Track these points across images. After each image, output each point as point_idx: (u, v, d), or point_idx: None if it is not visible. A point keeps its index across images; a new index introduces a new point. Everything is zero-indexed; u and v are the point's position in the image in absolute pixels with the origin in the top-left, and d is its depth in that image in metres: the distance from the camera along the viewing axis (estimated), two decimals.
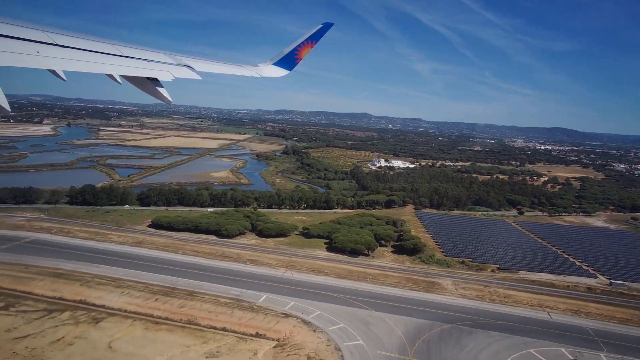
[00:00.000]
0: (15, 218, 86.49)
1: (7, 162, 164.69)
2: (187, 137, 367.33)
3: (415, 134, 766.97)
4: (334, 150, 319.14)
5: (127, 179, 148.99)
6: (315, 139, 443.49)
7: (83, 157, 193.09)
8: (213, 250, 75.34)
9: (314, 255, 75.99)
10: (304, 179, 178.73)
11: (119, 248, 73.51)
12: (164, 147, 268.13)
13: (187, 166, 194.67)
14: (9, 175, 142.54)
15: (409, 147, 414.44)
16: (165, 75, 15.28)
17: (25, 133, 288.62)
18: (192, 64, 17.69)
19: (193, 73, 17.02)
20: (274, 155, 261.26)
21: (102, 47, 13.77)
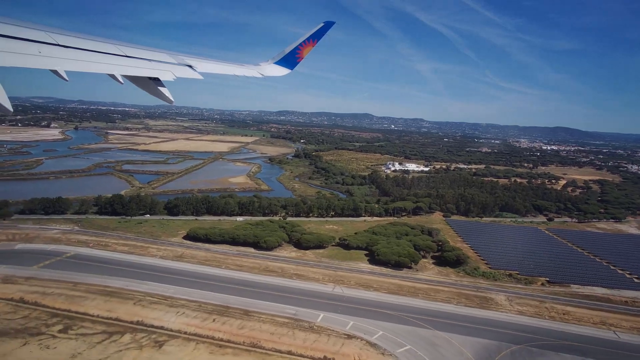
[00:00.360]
0: (50, 230, 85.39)
1: (25, 169, 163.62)
2: (196, 140, 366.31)
3: (419, 134, 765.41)
4: (344, 153, 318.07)
5: (147, 185, 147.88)
6: (322, 141, 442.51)
7: (98, 162, 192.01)
8: (256, 264, 74.22)
9: (358, 269, 74.89)
10: (322, 184, 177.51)
11: (161, 263, 72.43)
12: (175, 151, 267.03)
13: (203, 171, 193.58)
14: (30, 183, 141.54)
15: (417, 148, 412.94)
16: (167, 74, 15.25)
17: (35, 137, 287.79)
18: (194, 63, 17.61)
19: (194, 73, 16.94)
20: (286, 159, 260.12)
21: (104, 47, 13.73)
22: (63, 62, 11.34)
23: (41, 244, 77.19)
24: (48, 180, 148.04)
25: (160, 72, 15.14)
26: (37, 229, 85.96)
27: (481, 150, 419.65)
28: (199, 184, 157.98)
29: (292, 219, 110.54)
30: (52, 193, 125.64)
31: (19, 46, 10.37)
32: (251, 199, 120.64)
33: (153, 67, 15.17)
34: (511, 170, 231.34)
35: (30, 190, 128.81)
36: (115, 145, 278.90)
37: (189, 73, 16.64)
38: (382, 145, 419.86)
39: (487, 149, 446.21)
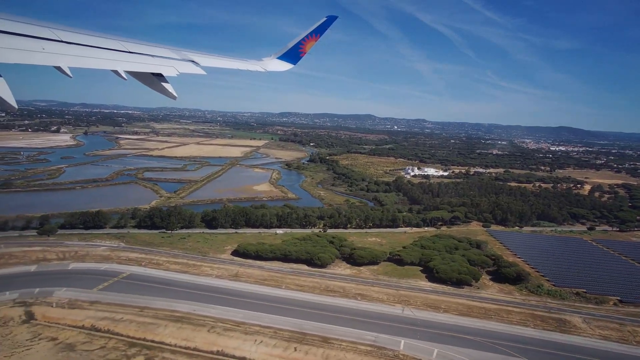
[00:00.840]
0: (97, 247, 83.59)
1: (49, 178, 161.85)
2: (207, 145, 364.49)
3: (424, 135, 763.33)
4: (357, 157, 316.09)
5: (174, 195, 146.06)
6: (331, 144, 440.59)
7: (119, 170, 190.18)
8: (315, 283, 72.44)
9: (419, 287, 73.09)
10: (346, 191, 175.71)
11: (219, 283, 70.64)
12: (189, 156, 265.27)
13: (224, 178, 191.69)
14: (59, 194, 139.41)
15: (428, 151, 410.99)
16: (170, 70, 15.10)
17: (48, 143, 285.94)
18: (197, 58, 17.43)
19: (198, 68, 16.74)
20: (302, 164, 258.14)
21: (107, 43, 13.65)
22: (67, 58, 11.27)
23: (93, 262, 75.42)
24: (75, 191, 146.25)
25: (164, 68, 15.03)
26: (84, 245, 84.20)
27: (492, 153, 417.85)
28: (225, 193, 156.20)
29: (331, 230, 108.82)
30: (83, 204, 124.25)
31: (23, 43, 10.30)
32: (284, 209, 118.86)
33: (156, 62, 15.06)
34: (531, 175, 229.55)
35: (60, 202, 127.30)
36: (129, 151, 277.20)
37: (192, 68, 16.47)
38: (392, 148, 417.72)
39: (498, 151, 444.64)
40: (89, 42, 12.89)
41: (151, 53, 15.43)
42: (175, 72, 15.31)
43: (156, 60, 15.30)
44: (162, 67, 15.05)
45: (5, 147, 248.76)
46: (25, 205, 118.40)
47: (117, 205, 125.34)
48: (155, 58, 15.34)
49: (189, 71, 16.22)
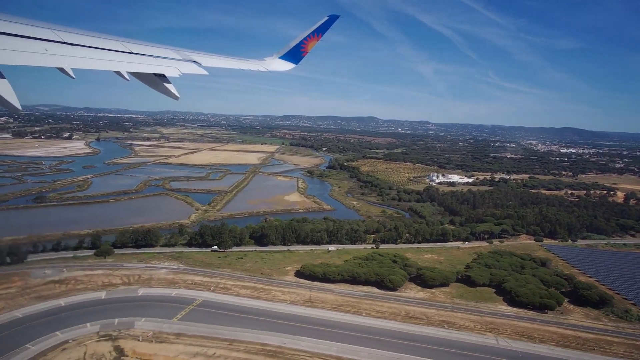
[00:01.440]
0: (158, 270, 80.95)
1: (79, 190, 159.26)
2: (220, 151, 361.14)
3: (432, 138, 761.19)
4: (376, 163, 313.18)
5: (209, 208, 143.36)
6: (343, 149, 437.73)
7: (145, 180, 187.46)
8: (394, 309, 69.79)
9: (502, 312, 70.40)
10: (378, 201, 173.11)
11: (295, 310, 67.96)
12: (208, 164, 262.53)
13: (252, 188, 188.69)
14: (94, 208, 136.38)
15: (442, 155, 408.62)
16: (172, 71, 15.16)
17: (65, 151, 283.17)
18: (199, 59, 17.51)
19: (199, 68, 16.79)
20: (323, 171, 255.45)
21: (110, 44, 13.71)
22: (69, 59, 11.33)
23: (161, 287, 72.79)
24: (108, 204, 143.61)
25: (166, 69, 15.05)
26: (145, 268, 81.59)
27: (506, 157, 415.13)
28: (259, 205, 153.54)
29: (383, 246, 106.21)
30: (122, 219, 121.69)
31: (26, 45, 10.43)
32: (328, 223, 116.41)
33: (158, 63, 15.10)
34: (557, 181, 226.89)
35: (99, 216, 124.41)
36: (146, 158, 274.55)
37: (194, 69, 16.49)
38: (405, 152, 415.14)
39: (511, 155, 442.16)
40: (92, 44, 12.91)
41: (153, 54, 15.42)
42: (178, 72, 15.32)
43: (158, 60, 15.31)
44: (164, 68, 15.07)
45: (25, 156, 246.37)
46: (66, 221, 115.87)
47: (157, 219, 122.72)
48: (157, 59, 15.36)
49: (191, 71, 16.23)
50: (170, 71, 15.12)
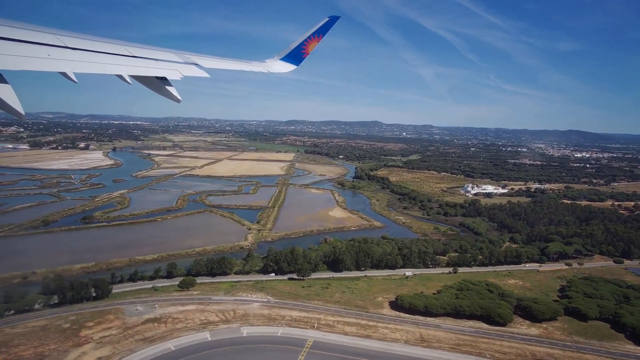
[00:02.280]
0: (250, 304, 76.72)
1: (121, 208, 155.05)
2: (239, 160, 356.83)
3: (440, 143, 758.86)
4: (401, 172, 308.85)
5: (261, 227, 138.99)
6: (360, 156, 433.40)
7: (181, 195, 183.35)
8: (516, 349, 65.63)
9: (633, 354, 66.09)
10: (423, 215, 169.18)
11: (414, 351, 63.79)
12: (234, 175, 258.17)
13: (292, 203, 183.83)
14: (144, 228, 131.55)
15: (460, 162, 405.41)
16: (174, 74, 15.38)
17: (88, 163, 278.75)
18: (200, 61, 17.75)
19: (201, 71, 17.03)
20: (353, 181, 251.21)
21: (111, 48, 13.93)
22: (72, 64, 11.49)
23: (262, 325, 68.65)
24: (156, 223, 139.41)
25: (168, 72, 15.23)
26: (234, 301, 77.48)
27: (525, 163, 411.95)
28: (308, 222, 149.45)
29: (460, 270, 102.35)
30: (178, 241, 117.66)
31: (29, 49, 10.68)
32: (393, 244, 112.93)
33: (160, 66, 15.29)
34: (596, 191, 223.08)
35: (154, 239, 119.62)
36: (170, 170, 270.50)
37: (195, 71, 16.69)
38: (424, 159, 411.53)
39: (528, 161, 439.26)
40: (94, 48, 13.03)
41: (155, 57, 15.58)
42: (179, 75, 15.49)
43: (160, 64, 15.47)
44: (166, 71, 15.22)
45: (50, 169, 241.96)
46: (124, 244, 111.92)
47: (215, 241, 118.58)
48: (159, 62, 15.53)
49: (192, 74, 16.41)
50: (171, 74, 15.25)
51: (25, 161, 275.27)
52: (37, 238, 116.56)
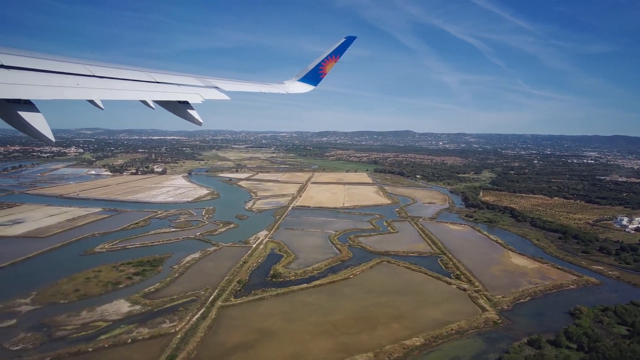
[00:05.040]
0: None
1: (292, 260, 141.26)
2: (323, 184, 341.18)
3: (490, 153, 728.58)
4: (510, 197, 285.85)
5: (480, 288, 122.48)
6: (438, 176, 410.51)
7: (329, 237, 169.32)
8: None
9: None
10: (621, 264, 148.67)
11: None
12: (343, 207, 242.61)
13: (457, 249, 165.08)
14: (349, 289, 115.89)
15: (547, 179, 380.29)
16: (195, 97, 16.33)
17: (186, 193, 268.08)
18: (220, 84, 18.82)
19: (221, 94, 18.07)
20: (474, 211, 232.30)
21: (136, 75, 14.97)
22: (99, 92, 12.21)
23: None
24: (349, 283, 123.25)
25: (189, 96, 16.13)
26: None
27: (615, 179, 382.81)
28: (512, 278, 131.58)
29: None
30: (414, 314, 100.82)
31: (59, 80, 11.53)
32: None
33: (182, 91, 16.18)
34: None
35: (375, 308, 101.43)
36: (276, 201, 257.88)
37: (216, 94, 17.63)
38: (511, 179, 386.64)
39: (620, 177, 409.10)
40: (120, 75, 14.00)
41: (177, 82, 16.49)
42: (200, 99, 16.31)
43: (182, 88, 16.24)
44: (188, 95, 16.00)
45: (158, 202, 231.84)
46: (358, 319, 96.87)
47: (448, 317, 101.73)
48: (180, 87, 16.27)
49: (213, 97, 17.24)
50: (193, 98, 16.14)
51: (124, 192, 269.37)
52: (253, 308, 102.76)
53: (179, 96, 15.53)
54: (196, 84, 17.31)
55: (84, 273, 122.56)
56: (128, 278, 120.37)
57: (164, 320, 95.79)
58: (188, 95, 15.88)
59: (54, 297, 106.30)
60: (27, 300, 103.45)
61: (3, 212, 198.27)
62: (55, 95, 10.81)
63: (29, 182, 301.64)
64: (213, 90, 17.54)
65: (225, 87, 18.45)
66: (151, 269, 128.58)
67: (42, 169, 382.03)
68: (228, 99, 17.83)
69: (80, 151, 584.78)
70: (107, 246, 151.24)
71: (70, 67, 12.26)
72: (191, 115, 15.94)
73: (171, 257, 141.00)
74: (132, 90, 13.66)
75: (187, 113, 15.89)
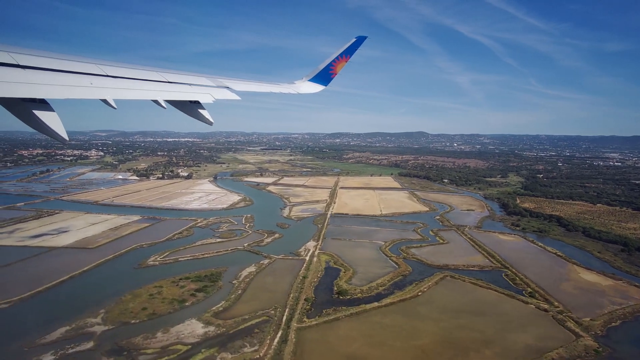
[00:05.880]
0: None
1: (352, 275, 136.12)
2: (352, 189, 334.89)
3: (513, 156, 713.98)
4: (552, 205, 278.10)
5: (574, 313, 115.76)
6: (465, 180, 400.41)
7: (380, 248, 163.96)
8: None
9: None
10: None
11: None
12: (381, 215, 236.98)
13: (517, 262, 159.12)
14: (428, 310, 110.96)
15: (581, 184, 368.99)
16: (206, 97, 16.53)
17: (219, 199, 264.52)
18: (231, 84, 18.94)
19: (232, 94, 18.23)
20: (512, 218, 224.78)
21: (148, 74, 15.17)
22: (112, 91, 12.45)
23: None
24: (419, 301, 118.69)
25: (200, 95, 16.29)
26: None
27: None
28: (603, 301, 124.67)
29: None
30: (504, 341, 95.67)
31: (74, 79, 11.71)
32: None
33: (193, 90, 16.31)
34: None
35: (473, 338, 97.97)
36: (306, 207, 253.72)
37: (227, 94, 17.85)
38: (543, 184, 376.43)
39: None
40: (132, 75, 14.19)
41: (188, 82, 16.64)
42: (212, 98, 16.51)
43: (193, 88, 16.43)
44: (199, 95, 16.17)
45: (193, 209, 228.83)
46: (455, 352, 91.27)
47: (541, 340, 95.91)
48: (192, 86, 16.49)
49: (224, 97, 17.29)
50: (204, 98, 16.27)
51: (157, 198, 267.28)
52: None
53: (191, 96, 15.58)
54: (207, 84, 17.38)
55: (146, 289, 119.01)
56: (192, 295, 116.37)
57: (243, 344, 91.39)
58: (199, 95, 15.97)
59: (124, 315, 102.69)
60: (98, 320, 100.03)
61: (45, 220, 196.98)
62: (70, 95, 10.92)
63: (60, 187, 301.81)
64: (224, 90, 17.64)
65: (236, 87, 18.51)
66: (211, 284, 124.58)
67: (69, 174, 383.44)
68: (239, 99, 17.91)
69: (101, 154, 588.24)
70: (159, 258, 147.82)
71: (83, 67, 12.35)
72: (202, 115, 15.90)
73: (227, 270, 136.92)
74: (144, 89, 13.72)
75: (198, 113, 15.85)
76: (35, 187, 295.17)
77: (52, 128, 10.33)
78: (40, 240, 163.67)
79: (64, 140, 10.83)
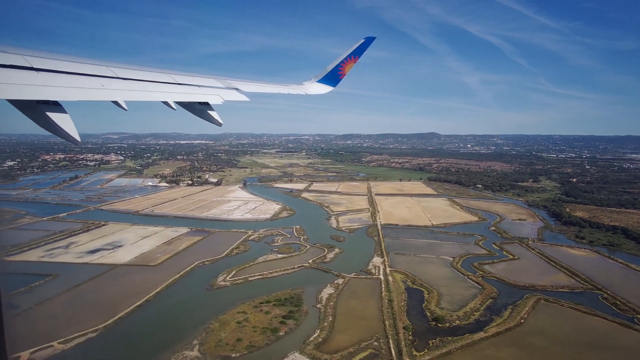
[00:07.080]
0: None
1: (437, 299, 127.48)
2: (388, 196, 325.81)
3: (535, 158, 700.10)
4: (607, 213, 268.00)
5: None
6: (500, 186, 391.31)
7: (451, 263, 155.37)
8: None
9: None
10: None
11: None
12: (433, 225, 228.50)
13: (603, 281, 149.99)
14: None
15: (606, 187, 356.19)
16: (216, 99, 16.67)
17: (259, 208, 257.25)
18: (240, 86, 19.11)
19: (241, 95, 18.37)
20: (571, 230, 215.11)
21: (158, 76, 15.25)
22: (123, 93, 12.57)
23: None
24: (520, 333, 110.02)
25: (210, 97, 16.42)
26: None
27: None
28: None
29: None
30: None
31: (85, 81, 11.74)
32: None
33: (202, 92, 16.55)
34: None
35: None
36: (352, 217, 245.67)
37: (236, 96, 18.04)
38: (586, 190, 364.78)
39: None
40: (143, 77, 14.29)
41: (198, 83, 16.88)
42: (221, 100, 16.65)
43: (202, 89, 16.64)
44: (208, 96, 16.34)
45: (236, 220, 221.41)
46: None
47: None
48: (201, 88, 16.73)
49: (233, 98, 17.55)
50: (213, 99, 16.33)
51: (196, 207, 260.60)
52: None
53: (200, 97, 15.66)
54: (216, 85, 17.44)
55: (231, 315, 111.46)
56: (281, 323, 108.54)
57: None
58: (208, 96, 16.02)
59: (221, 348, 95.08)
60: (196, 353, 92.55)
61: (95, 233, 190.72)
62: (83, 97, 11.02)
63: (95, 195, 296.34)
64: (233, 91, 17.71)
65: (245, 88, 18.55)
66: (296, 309, 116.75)
67: (97, 180, 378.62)
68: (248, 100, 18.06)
69: (121, 159, 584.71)
70: (228, 278, 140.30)
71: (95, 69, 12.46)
72: (211, 116, 15.87)
73: (304, 292, 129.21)
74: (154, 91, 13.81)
75: (208, 114, 15.82)
76: (70, 196, 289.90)
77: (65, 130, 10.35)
78: (98, 256, 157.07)
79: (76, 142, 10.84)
